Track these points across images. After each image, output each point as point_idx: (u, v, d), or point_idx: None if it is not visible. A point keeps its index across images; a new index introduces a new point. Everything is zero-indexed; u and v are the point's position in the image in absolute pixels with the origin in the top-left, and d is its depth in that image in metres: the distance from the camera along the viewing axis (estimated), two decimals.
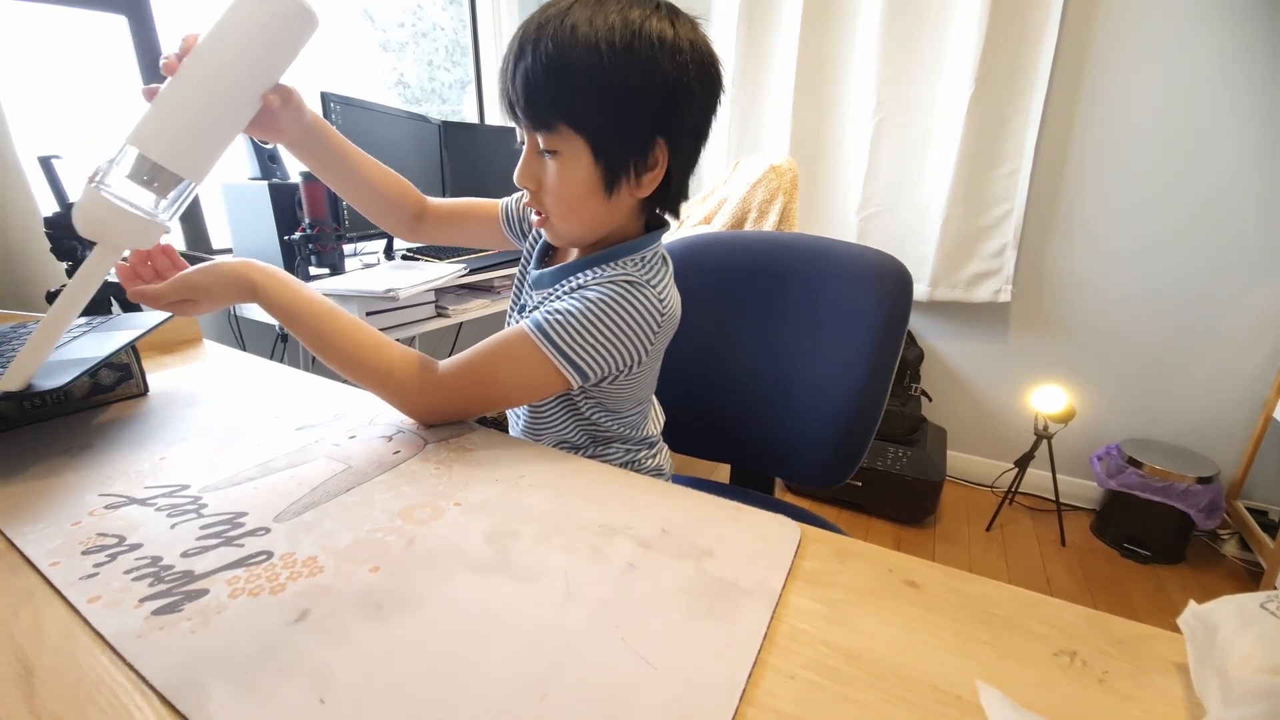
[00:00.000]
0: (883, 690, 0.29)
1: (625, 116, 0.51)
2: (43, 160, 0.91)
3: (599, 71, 0.49)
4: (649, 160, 0.54)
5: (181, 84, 0.42)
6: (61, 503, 0.43)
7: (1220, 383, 1.65)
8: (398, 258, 1.62)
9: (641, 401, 0.67)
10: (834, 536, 0.41)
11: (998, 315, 1.87)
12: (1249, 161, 1.50)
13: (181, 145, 0.42)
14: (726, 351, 0.89)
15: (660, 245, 0.62)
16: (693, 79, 0.51)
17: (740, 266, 0.87)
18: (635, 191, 0.56)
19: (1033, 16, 1.58)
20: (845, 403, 0.79)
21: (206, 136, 0.44)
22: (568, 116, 0.51)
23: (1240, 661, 0.26)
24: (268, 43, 0.44)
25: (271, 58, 0.45)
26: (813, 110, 1.91)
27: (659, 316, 0.56)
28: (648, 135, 0.53)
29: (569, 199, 0.55)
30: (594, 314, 0.53)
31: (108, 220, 0.41)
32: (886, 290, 0.77)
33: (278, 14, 0.43)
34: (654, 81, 0.50)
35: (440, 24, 2.12)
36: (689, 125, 0.54)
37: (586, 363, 0.54)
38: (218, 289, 0.53)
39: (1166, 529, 1.60)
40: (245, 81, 0.45)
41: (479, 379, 0.55)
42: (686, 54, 0.51)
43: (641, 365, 0.58)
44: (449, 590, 0.34)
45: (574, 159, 0.53)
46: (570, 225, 0.58)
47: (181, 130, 0.42)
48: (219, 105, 0.44)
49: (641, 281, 0.56)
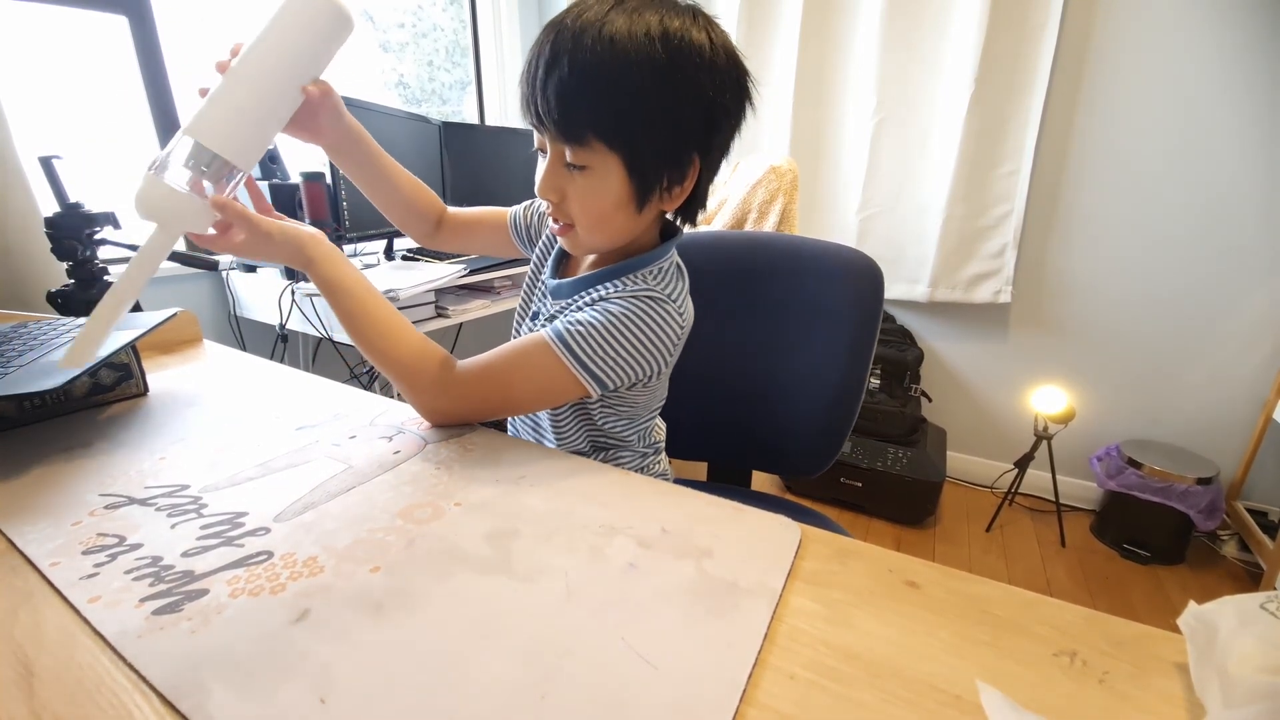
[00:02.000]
0: (883, 690, 0.29)
1: (665, 136, 0.51)
2: (43, 160, 0.91)
3: (640, 90, 0.47)
4: (683, 176, 0.54)
5: (232, 80, 0.46)
6: (61, 503, 0.43)
7: (1220, 383, 1.65)
8: (398, 258, 1.62)
9: (654, 410, 0.68)
10: (834, 537, 0.41)
11: (998, 316, 1.87)
12: (1249, 162, 1.50)
13: (233, 135, 0.46)
14: (706, 351, 0.89)
15: (675, 254, 0.62)
16: (729, 98, 0.51)
17: (719, 267, 0.89)
18: (664, 205, 0.56)
19: (1033, 16, 1.58)
20: (824, 394, 0.82)
21: (254, 127, 0.48)
22: (603, 133, 0.49)
23: (1240, 661, 0.26)
24: (309, 43, 0.48)
25: (312, 57, 0.50)
26: (813, 110, 1.91)
27: (679, 330, 0.57)
28: (685, 153, 0.53)
29: (597, 213, 0.54)
30: (616, 327, 0.53)
31: (165, 204, 0.45)
32: (859, 285, 0.80)
33: (318, 18, 0.48)
34: (694, 102, 0.50)
35: (440, 24, 2.12)
36: (722, 141, 0.54)
37: (606, 373, 0.54)
38: (278, 243, 0.53)
39: (1166, 530, 1.60)
40: (288, 77, 0.49)
41: (497, 383, 0.55)
42: (723, 71, 0.50)
43: (661, 375, 0.59)
44: (449, 590, 0.35)
45: (606, 174, 0.52)
46: (595, 238, 0.57)
47: (233, 122, 0.46)
48: (265, 98, 0.48)
49: (663, 297, 0.56)
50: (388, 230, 1.62)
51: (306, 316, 1.34)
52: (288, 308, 1.35)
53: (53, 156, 0.91)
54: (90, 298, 0.95)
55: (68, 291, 0.94)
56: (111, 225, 0.96)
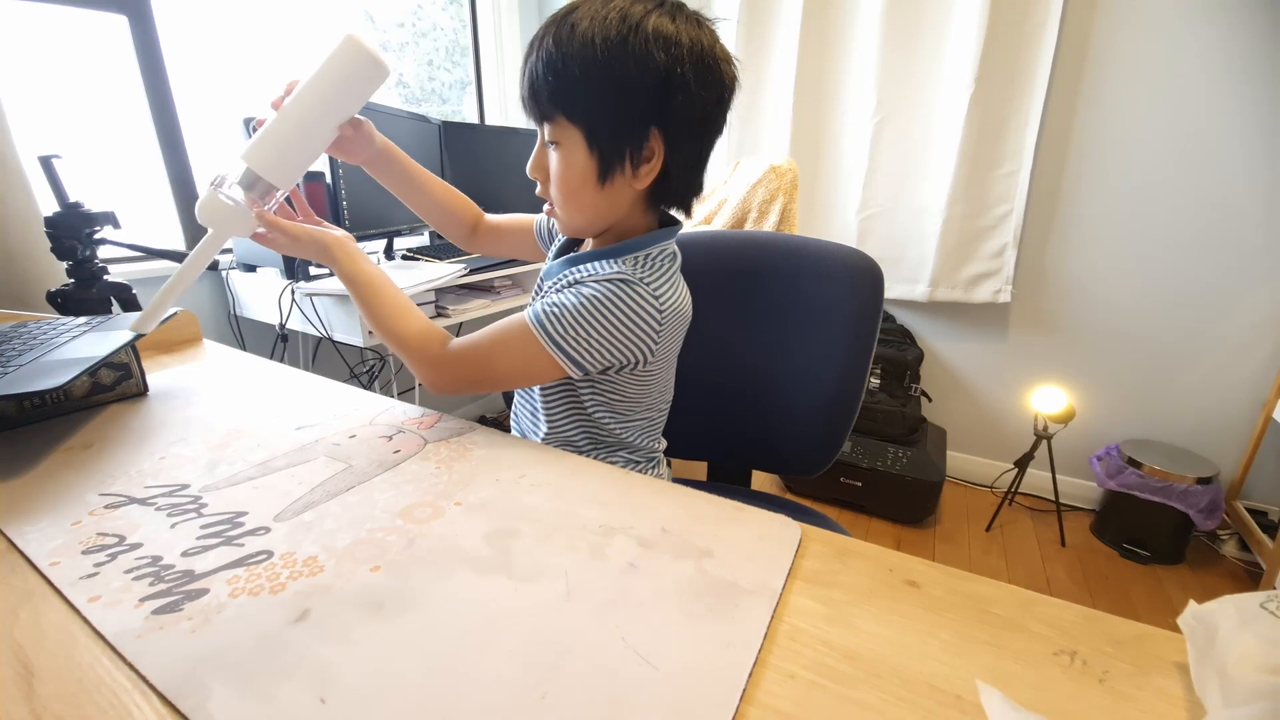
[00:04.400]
0: (883, 690, 0.29)
1: (617, 106, 0.53)
2: (43, 160, 0.91)
3: (591, 63, 0.51)
4: (644, 151, 0.55)
5: (282, 118, 0.56)
6: (61, 502, 0.43)
7: (1220, 383, 1.65)
8: (398, 257, 1.62)
9: (650, 408, 0.68)
10: (834, 536, 0.41)
11: (998, 316, 1.87)
12: (1249, 162, 1.50)
13: (277, 163, 0.57)
14: (707, 351, 0.90)
15: (669, 245, 0.63)
16: (687, 71, 0.52)
17: (718, 266, 0.89)
18: (633, 183, 0.57)
19: (1033, 16, 1.58)
20: (824, 393, 0.82)
21: (296, 157, 0.58)
22: (564, 107, 0.54)
23: (1240, 661, 0.26)
24: (348, 90, 0.58)
25: (349, 101, 0.58)
26: (813, 110, 1.91)
27: (656, 314, 0.57)
28: (640, 125, 0.54)
29: (566, 186, 0.57)
30: (586, 310, 0.55)
31: (221, 214, 0.55)
32: (859, 285, 0.80)
33: (359, 69, 0.56)
34: (646, 72, 0.51)
35: (440, 24, 2.12)
36: (685, 117, 0.54)
37: (580, 355, 0.56)
38: (304, 244, 0.61)
39: (1166, 529, 1.60)
40: (328, 118, 0.58)
41: (481, 361, 0.59)
42: (684, 48, 0.51)
43: (650, 364, 0.60)
44: (449, 590, 0.34)
45: (572, 148, 0.55)
46: (571, 213, 0.60)
47: (279, 153, 0.57)
48: (306, 135, 0.58)
49: (635, 280, 0.57)
50: (388, 230, 1.62)
51: (306, 316, 1.34)
52: (288, 307, 1.35)
53: (53, 156, 0.91)
54: (90, 297, 0.95)
55: (67, 291, 0.94)
56: (111, 225, 0.96)
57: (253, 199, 0.57)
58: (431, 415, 0.59)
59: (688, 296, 0.63)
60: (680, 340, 0.65)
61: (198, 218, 0.56)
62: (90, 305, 0.95)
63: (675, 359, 0.68)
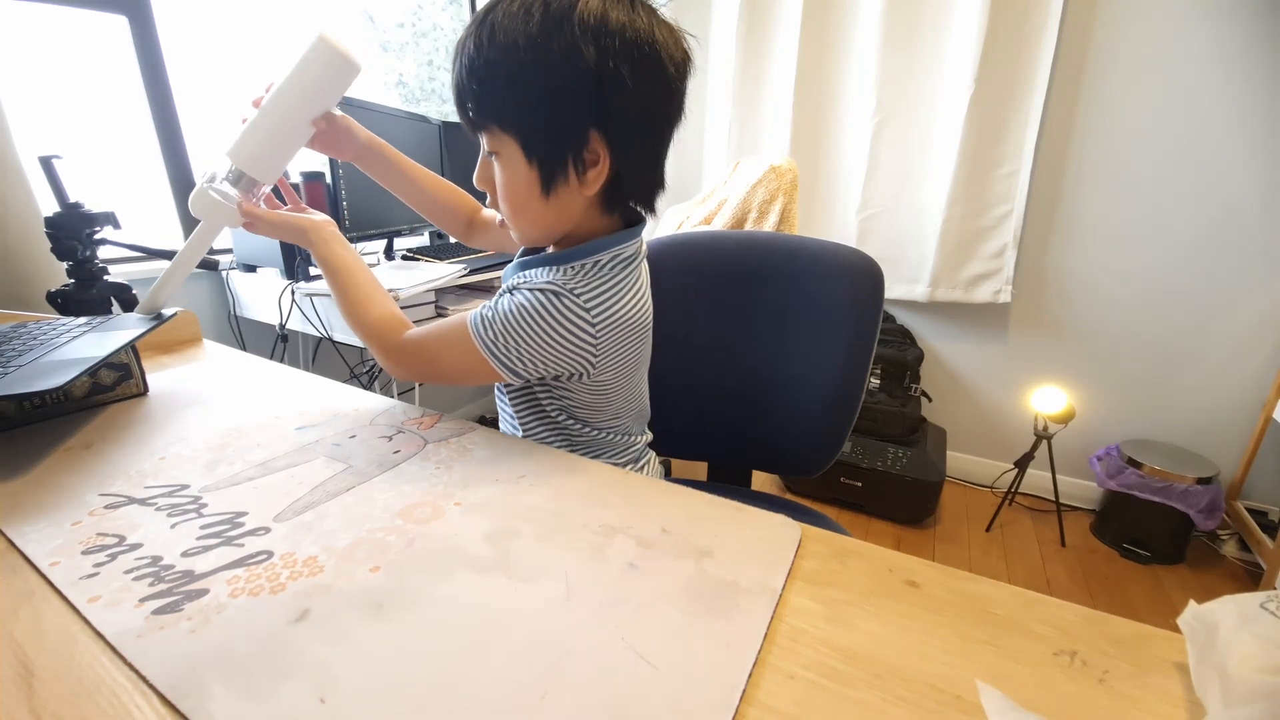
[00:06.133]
0: (883, 690, 0.29)
1: (549, 112, 0.49)
2: (43, 160, 0.91)
3: (515, 69, 0.47)
4: (587, 156, 0.51)
5: (260, 116, 0.59)
6: (61, 503, 0.43)
7: (1220, 383, 1.65)
8: (398, 257, 1.62)
9: (616, 415, 0.65)
10: (834, 536, 0.41)
11: (998, 316, 1.87)
12: (1249, 162, 1.50)
13: (259, 159, 0.61)
14: (705, 351, 0.90)
15: (627, 248, 0.58)
16: (621, 65, 0.47)
17: (718, 266, 0.89)
18: (581, 190, 0.53)
19: (1033, 16, 1.58)
20: (824, 393, 0.82)
21: (276, 152, 0.62)
22: (495, 117, 0.51)
23: (1240, 661, 0.26)
24: (322, 87, 0.60)
25: (322, 97, 0.61)
26: (813, 110, 1.91)
27: (586, 325, 0.54)
28: (578, 129, 0.50)
29: (513, 200, 0.55)
30: (514, 318, 0.53)
31: (210, 207, 0.60)
32: (859, 285, 0.80)
33: (329, 67, 0.59)
34: (574, 72, 0.47)
35: (440, 24, 2.12)
36: (625, 113, 0.50)
37: (512, 362, 0.54)
38: (283, 230, 0.64)
39: (1166, 529, 1.60)
40: (302, 115, 0.61)
41: (429, 356, 0.59)
42: (616, 37, 0.47)
43: (597, 374, 0.57)
44: (449, 590, 0.34)
45: (511, 159, 0.52)
46: (522, 226, 0.57)
47: (259, 149, 0.61)
48: (283, 131, 0.61)
49: (564, 291, 0.53)
50: (388, 230, 1.62)
51: (306, 316, 1.34)
52: (288, 308, 1.35)
53: (53, 156, 0.91)
54: (90, 298, 0.95)
55: (67, 291, 0.94)
56: (111, 225, 0.96)
57: (242, 192, 0.61)
58: (431, 415, 0.59)
59: (640, 303, 0.58)
60: (638, 349, 0.61)
61: (191, 210, 0.61)
62: (90, 305, 0.95)
63: (640, 368, 0.65)
